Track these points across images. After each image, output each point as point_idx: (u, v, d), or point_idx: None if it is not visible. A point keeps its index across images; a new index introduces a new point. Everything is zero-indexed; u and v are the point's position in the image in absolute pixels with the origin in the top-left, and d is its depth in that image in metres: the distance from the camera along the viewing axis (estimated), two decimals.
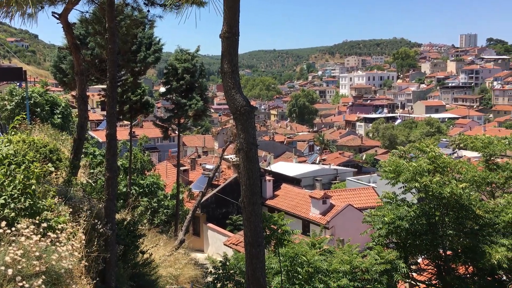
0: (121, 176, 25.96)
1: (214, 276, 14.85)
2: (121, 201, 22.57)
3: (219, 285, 14.43)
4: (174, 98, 26.35)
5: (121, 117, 24.66)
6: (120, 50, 15.09)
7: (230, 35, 7.31)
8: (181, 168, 35.75)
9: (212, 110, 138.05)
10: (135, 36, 18.89)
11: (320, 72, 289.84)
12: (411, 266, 16.42)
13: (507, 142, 19.16)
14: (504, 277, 15.23)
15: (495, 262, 13.50)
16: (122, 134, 41.87)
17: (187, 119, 27.28)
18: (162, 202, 28.72)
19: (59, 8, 11.71)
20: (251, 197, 7.47)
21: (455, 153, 63.94)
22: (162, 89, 28.10)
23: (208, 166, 38.98)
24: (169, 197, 30.06)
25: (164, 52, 23.05)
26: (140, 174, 29.56)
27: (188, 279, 17.00)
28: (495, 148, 18.38)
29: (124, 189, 25.14)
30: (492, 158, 18.76)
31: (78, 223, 7.65)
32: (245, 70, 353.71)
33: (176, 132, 28.42)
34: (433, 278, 16.35)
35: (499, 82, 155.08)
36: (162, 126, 27.76)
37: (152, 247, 14.75)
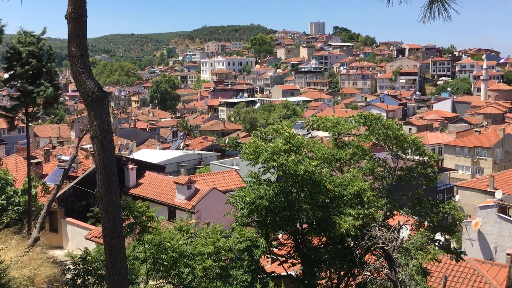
0: None
1: (73, 272, 14.07)
2: None
3: (79, 281, 13.72)
4: (19, 85, 24.00)
5: None
6: None
7: (77, 16, 6.87)
8: (33, 161, 33.04)
9: (67, 98, 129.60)
10: None
11: (180, 58, 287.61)
12: (272, 242, 17.37)
13: (352, 122, 21.07)
14: (352, 244, 16.91)
15: (344, 231, 14.91)
16: None
17: (37, 108, 25.13)
18: (12, 199, 26.33)
19: None
20: (108, 187, 7.19)
21: (309, 133, 68.68)
22: (6, 75, 25.42)
23: (64, 157, 36.40)
24: (20, 193, 27.58)
25: (7, 34, 20.88)
26: None
27: (45, 279, 15.82)
28: (342, 128, 20.07)
29: None
30: (340, 137, 20.49)
31: None
32: (102, 55, 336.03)
33: (25, 122, 26.04)
34: (292, 251, 17.52)
35: (344, 67, 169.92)
36: (7, 116, 25.14)
37: (1, 249, 13.47)
